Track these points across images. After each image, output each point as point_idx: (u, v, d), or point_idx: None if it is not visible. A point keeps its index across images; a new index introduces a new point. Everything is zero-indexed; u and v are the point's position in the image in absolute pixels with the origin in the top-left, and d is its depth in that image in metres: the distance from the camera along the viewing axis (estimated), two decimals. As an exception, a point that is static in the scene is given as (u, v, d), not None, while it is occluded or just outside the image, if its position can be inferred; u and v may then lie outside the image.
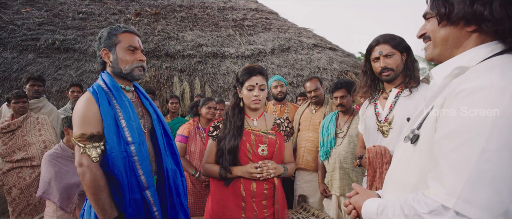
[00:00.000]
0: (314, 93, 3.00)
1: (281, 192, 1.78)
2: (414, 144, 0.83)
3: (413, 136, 0.84)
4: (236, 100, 1.79)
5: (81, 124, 1.35)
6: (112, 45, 1.48)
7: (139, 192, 1.42)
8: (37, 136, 2.94)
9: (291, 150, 1.91)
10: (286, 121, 1.88)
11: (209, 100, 2.97)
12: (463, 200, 0.64)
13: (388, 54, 1.66)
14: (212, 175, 1.75)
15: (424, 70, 20.11)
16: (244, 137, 1.71)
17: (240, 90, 1.76)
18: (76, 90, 3.77)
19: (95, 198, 1.33)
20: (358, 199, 0.98)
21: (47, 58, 5.31)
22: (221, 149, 1.71)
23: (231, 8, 8.09)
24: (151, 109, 1.64)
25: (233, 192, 1.70)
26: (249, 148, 1.70)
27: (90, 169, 1.32)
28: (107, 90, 1.44)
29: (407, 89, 1.67)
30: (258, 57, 6.42)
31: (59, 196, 2.16)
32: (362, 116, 1.90)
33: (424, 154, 0.78)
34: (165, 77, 5.51)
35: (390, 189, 0.94)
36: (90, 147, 1.32)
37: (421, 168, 0.79)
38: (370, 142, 1.78)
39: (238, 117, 1.74)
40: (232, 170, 1.68)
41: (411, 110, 1.58)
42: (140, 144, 1.42)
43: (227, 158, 1.67)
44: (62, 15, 6.39)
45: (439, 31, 0.81)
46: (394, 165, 0.95)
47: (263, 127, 1.79)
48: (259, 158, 1.70)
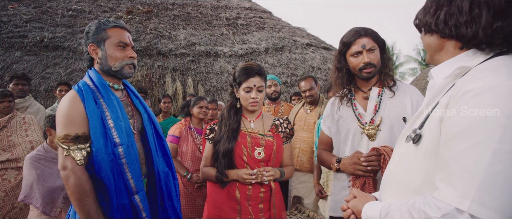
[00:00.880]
0: (309, 92, 2.96)
1: (279, 195, 1.73)
2: (416, 144, 0.81)
3: (415, 136, 0.82)
4: (232, 101, 1.73)
5: (65, 124, 1.27)
6: (100, 40, 1.40)
7: (127, 197, 1.35)
8: (24, 136, 2.83)
9: (290, 152, 1.84)
10: (286, 122, 1.80)
11: (200, 99, 2.91)
12: (477, 203, 0.63)
13: (371, 48, 1.50)
14: (210, 178, 1.71)
15: (415, 70, 20.41)
16: (239, 139, 1.65)
17: (237, 90, 1.69)
18: (64, 89, 3.65)
19: (80, 204, 1.25)
20: (357, 202, 0.95)
21: (35, 56, 5.18)
22: (216, 152, 1.66)
23: (225, 7, 8.03)
24: (142, 108, 1.56)
25: (228, 195, 1.65)
26: (245, 150, 1.64)
27: (75, 173, 1.24)
28: (93, 88, 1.36)
29: (388, 89, 1.56)
30: (251, 56, 6.37)
31: (41, 200, 2.07)
32: (331, 116, 1.71)
33: (429, 155, 0.77)
34: (157, 76, 5.44)
35: (389, 190, 0.91)
36: (75, 148, 1.24)
37: (426, 168, 0.77)
38: (350, 146, 1.60)
39: (234, 118, 1.68)
40: (228, 173, 1.64)
41: (399, 111, 1.51)
42: (129, 146, 1.35)
43: (222, 161, 1.62)
44: (51, 12, 6.24)
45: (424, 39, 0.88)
46: (393, 165, 0.92)
47: (260, 129, 1.72)
48: (255, 161, 1.65)
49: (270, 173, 1.60)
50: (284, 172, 1.72)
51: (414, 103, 1.50)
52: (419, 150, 0.80)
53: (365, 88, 1.61)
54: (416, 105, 1.49)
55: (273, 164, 1.69)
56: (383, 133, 1.52)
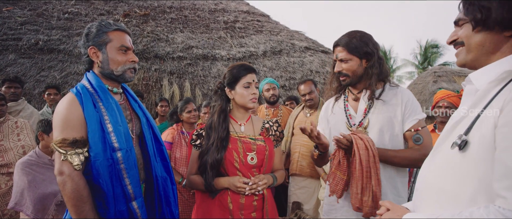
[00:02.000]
0: (308, 96, 2.92)
1: (271, 202, 1.66)
2: (463, 150, 0.77)
3: (461, 142, 0.78)
4: (222, 104, 1.64)
5: (63, 128, 1.23)
6: (102, 44, 1.37)
7: (125, 204, 1.32)
8: (16, 141, 2.76)
9: (281, 155, 1.79)
10: (275, 124, 1.73)
11: (187, 102, 2.84)
12: None
13: (343, 59, 1.55)
14: (197, 187, 1.61)
15: (412, 73, 20.53)
16: (230, 145, 1.57)
17: (231, 90, 1.61)
18: (53, 92, 3.58)
19: (76, 210, 1.21)
20: (392, 215, 0.91)
21: (30, 59, 5.10)
22: (203, 163, 1.56)
23: (222, 10, 8.01)
24: (140, 112, 1.54)
25: (220, 205, 1.55)
26: (236, 157, 1.56)
27: (72, 178, 1.20)
28: (92, 91, 1.34)
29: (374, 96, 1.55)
30: (249, 59, 6.34)
31: (33, 207, 2.01)
32: (325, 117, 1.74)
33: (483, 162, 0.73)
34: (154, 79, 5.38)
35: (430, 201, 0.86)
36: (72, 153, 1.21)
37: (480, 176, 0.74)
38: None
39: (222, 125, 1.58)
40: (218, 181, 1.55)
41: (389, 115, 1.51)
42: (128, 151, 1.32)
43: (209, 173, 1.53)
44: (46, 15, 6.17)
45: (474, 36, 0.81)
46: (431, 174, 0.88)
47: (250, 133, 1.65)
48: (247, 167, 1.57)
49: (264, 181, 1.54)
50: (276, 178, 1.65)
51: (404, 103, 1.52)
52: (467, 157, 0.77)
53: (354, 90, 1.64)
54: (406, 105, 1.51)
55: (266, 170, 1.62)
56: (371, 135, 1.52)
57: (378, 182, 1.39)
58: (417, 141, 1.47)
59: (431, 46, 20.27)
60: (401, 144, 1.52)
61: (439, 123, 2.60)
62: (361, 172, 1.39)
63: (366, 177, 1.39)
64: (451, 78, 10.45)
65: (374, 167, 1.39)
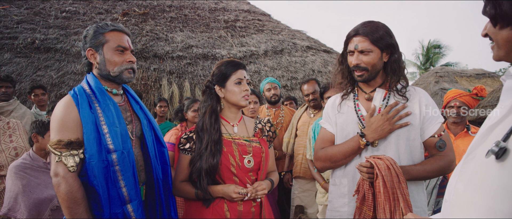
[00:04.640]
0: (312, 96, 2.82)
1: (268, 208, 1.57)
2: (501, 159, 0.68)
3: (499, 150, 0.68)
4: (212, 104, 1.51)
5: (59, 130, 1.25)
6: (99, 45, 1.37)
7: (120, 206, 1.30)
8: (7, 142, 2.65)
9: (274, 156, 1.69)
10: (268, 124, 1.64)
11: (194, 102, 2.78)
12: None
13: (364, 50, 1.35)
14: (187, 196, 1.48)
15: (414, 74, 20.42)
16: (225, 148, 1.45)
17: (221, 88, 1.50)
18: (39, 92, 3.46)
19: (70, 212, 1.22)
20: None
21: (26, 58, 5.01)
22: (198, 170, 1.42)
23: (223, 9, 7.91)
24: (142, 114, 1.52)
25: (215, 214, 1.43)
26: (233, 160, 1.44)
27: (66, 180, 1.20)
28: (90, 93, 1.34)
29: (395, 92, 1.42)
30: (250, 59, 6.24)
31: (27, 213, 1.92)
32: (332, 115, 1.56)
33: None
34: (153, 79, 5.29)
35: (462, 215, 0.77)
36: (67, 154, 1.21)
37: None
38: None
39: (214, 126, 1.46)
40: (212, 190, 1.42)
41: (407, 117, 1.37)
42: (124, 152, 1.31)
43: (205, 180, 1.41)
44: (43, 14, 6.08)
45: (499, 33, 0.77)
46: (462, 185, 0.78)
47: (244, 134, 1.55)
48: (244, 171, 1.46)
49: (262, 187, 1.43)
50: (273, 182, 1.56)
51: (423, 107, 1.39)
52: (506, 167, 0.67)
53: (367, 89, 1.48)
54: (425, 109, 1.38)
55: (263, 173, 1.52)
56: (388, 140, 1.39)
57: (407, 203, 1.23)
58: (441, 148, 1.34)
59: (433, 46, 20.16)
60: (416, 150, 1.39)
61: (451, 124, 2.48)
62: (387, 194, 1.24)
63: (393, 199, 1.24)
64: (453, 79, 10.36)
65: (400, 187, 1.24)
